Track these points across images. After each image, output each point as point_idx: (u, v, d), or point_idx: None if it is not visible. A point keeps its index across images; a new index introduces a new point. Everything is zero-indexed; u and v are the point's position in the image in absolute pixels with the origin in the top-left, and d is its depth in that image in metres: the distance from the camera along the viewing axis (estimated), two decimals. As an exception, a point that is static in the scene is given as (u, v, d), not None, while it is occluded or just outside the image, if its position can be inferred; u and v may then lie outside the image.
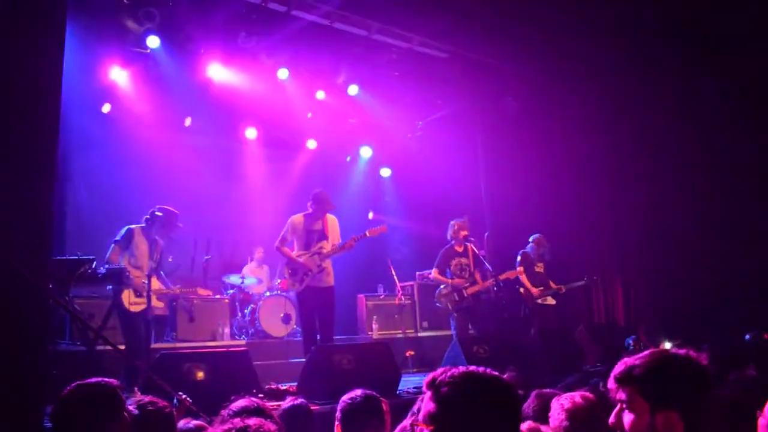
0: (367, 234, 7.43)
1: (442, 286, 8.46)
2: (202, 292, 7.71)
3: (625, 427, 2.02)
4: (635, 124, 9.83)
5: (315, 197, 7.40)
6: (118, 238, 6.73)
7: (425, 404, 1.83)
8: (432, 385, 1.83)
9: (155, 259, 6.77)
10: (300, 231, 7.42)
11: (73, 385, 2.75)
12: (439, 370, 1.86)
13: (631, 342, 8.45)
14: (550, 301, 8.88)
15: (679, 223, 9.43)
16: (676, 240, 9.41)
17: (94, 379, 2.78)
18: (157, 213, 6.81)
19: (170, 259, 7.94)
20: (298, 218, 7.47)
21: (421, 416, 1.82)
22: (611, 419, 2.08)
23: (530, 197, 10.02)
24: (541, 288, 8.81)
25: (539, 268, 8.94)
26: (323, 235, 7.38)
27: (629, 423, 2.01)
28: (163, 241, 6.99)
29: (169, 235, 6.93)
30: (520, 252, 8.96)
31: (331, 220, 7.50)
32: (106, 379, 2.78)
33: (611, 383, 2.10)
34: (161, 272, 7.04)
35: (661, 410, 1.96)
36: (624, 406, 2.04)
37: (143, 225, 6.85)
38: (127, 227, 6.80)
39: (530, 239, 9.04)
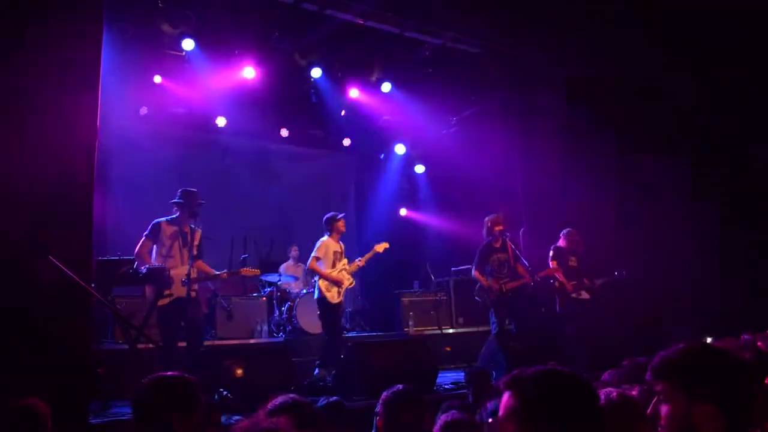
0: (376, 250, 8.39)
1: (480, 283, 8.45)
2: (247, 272, 7.58)
3: (663, 419, 2.01)
4: (677, 116, 9.65)
5: (335, 223, 8.08)
6: (146, 232, 6.81)
7: (505, 403, 1.84)
8: (512, 383, 1.85)
9: (192, 246, 6.66)
10: (330, 253, 8.00)
11: (153, 376, 2.90)
12: (516, 371, 1.88)
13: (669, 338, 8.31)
14: (585, 295, 8.77)
15: (721, 216, 9.23)
16: (718, 234, 9.21)
17: (172, 373, 2.94)
18: (178, 200, 6.86)
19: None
20: (330, 241, 8.06)
21: (501, 415, 1.83)
22: (649, 410, 2.07)
23: (567, 192, 9.90)
24: (575, 282, 8.71)
25: (573, 262, 8.84)
26: (342, 255, 8.12)
27: (666, 415, 2.00)
28: (198, 227, 6.85)
29: (196, 216, 6.75)
30: (552, 247, 8.90)
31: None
32: (185, 374, 2.93)
33: (649, 375, 2.08)
34: (201, 257, 6.99)
35: (698, 403, 1.94)
36: (661, 398, 2.03)
37: (172, 216, 6.90)
38: (154, 221, 6.87)
39: (561, 234, 8.98)
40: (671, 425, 1.99)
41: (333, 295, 7.87)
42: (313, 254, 7.97)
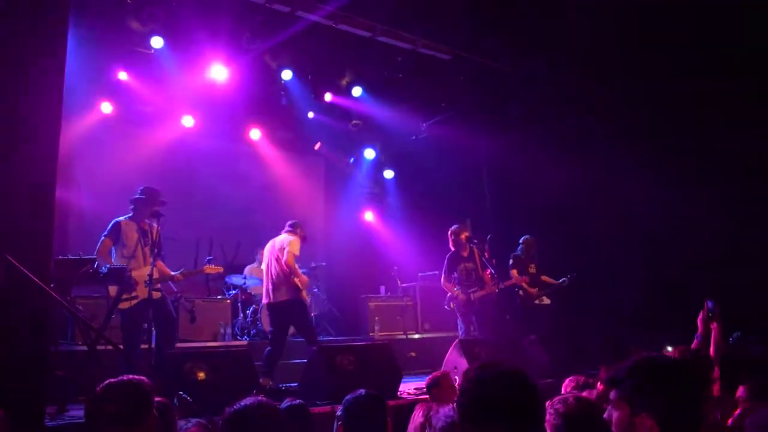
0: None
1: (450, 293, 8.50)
2: (210, 269, 7.42)
3: (612, 426, 2.18)
4: (641, 122, 9.76)
5: (301, 227, 7.89)
6: (106, 232, 6.68)
7: None
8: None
9: (153, 244, 6.57)
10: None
11: (105, 382, 2.82)
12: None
13: (632, 347, 8.41)
14: (545, 301, 8.95)
15: (684, 224, 9.35)
16: (680, 242, 9.34)
17: (126, 377, 2.86)
18: (138, 197, 6.77)
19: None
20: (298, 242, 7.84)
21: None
22: (606, 414, 2.24)
23: (533, 199, 10.00)
24: (537, 288, 8.87)
25: (532, 269, 9.02)
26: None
27: (615, 421, 2.17)
28: (158, 224, 6.70)
29: (157, 214, 6.62)
30: (512, 255, 9.02)
31: None
32: (139, 377, 2.87)
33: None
34: (161, 255, 6.87)
35: (637, 413, 2.08)
36: (612, 405, 2.20)
37: (129, 215, 6.80)
38: (113, 220, 6.74)
39: (520, 240, 9.11)
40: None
41: (305, 295, 7.85)
42: (292, 251, 7.63)
